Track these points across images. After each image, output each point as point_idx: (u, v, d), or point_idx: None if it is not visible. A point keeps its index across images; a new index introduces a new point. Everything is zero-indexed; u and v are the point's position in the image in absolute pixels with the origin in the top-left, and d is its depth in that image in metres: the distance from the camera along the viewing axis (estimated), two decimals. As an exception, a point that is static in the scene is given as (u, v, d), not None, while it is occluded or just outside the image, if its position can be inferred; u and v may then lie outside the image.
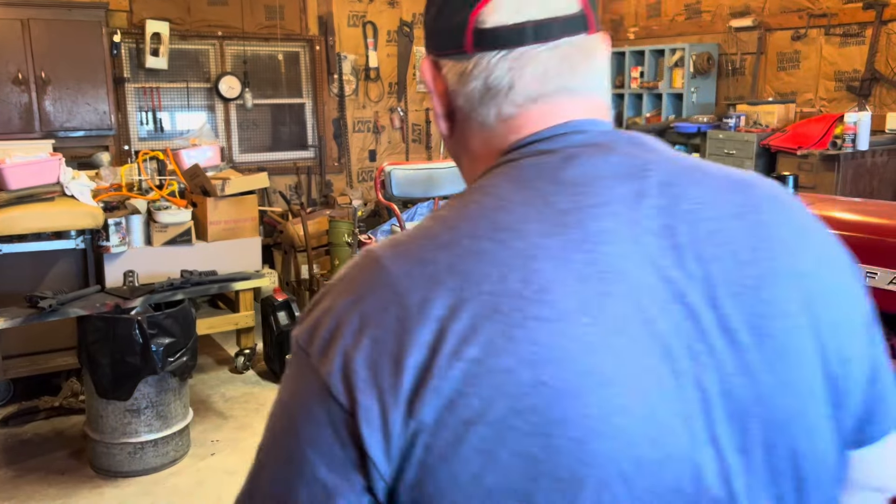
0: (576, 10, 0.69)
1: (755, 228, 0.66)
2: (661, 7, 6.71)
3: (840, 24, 5.23)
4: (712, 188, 0.67)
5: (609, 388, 0.58)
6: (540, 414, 0.57)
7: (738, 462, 0.62)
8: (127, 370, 3.09)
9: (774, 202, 0.70)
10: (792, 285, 0.65)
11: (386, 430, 0.57)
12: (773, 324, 0.63)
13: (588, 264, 0.60)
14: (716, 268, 0.63)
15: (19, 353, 3.78)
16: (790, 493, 0.64)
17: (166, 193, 4.15)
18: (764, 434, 0.63)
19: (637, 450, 0.58)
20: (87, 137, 6.09)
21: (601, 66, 0.72)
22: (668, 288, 0.61)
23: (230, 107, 7.12)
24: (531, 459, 0.56)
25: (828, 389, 0.66)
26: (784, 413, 0.63)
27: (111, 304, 3.23)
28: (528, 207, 0.63)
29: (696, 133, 5.76)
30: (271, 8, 7.07)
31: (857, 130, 4.69)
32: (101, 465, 3.26)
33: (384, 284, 0.60)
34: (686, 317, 0.61)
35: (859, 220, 1.85)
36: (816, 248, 0.70)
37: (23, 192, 3.61)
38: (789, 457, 0.64)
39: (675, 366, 0.60)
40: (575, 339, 0.58)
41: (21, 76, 5.72)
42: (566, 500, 0.57)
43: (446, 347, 0.57)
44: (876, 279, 1.70)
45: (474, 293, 0.58)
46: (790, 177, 2.14)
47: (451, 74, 0.71)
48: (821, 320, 0.65)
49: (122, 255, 3.84)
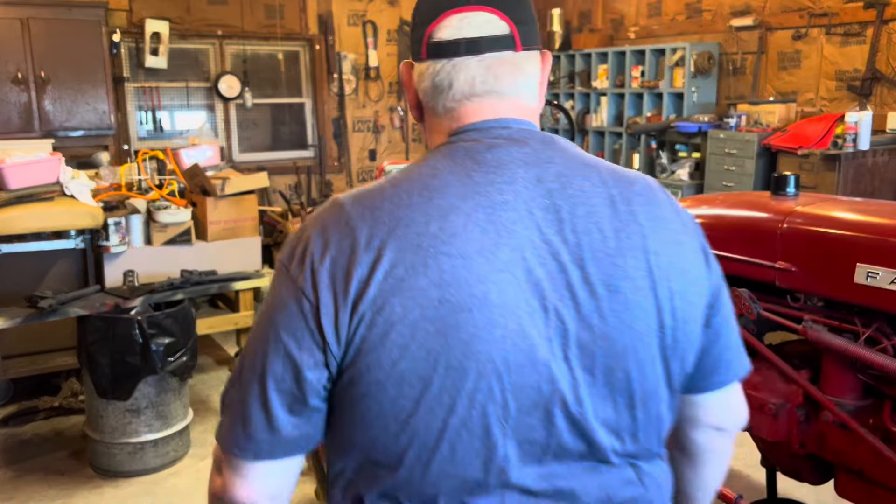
0: (504, 32, 0.92)
1: (621, 214, 0.88)
2: (662, 6, 6.70)
3: (841, 23, 5.22)
4: (595, 181, 0.90)
5: (492, 309, 0.82)
6: (441, 321, 0.81)
7: (583, 377, 0.86)
8: (127, 370, 3.08)
9: (643, 197, 0.92)
10: (640, 258, 0.87)
11: (337, 322, 0.82)
12: (621, 283, 0.86)
13: (489, 223, 0.84)
14: (585, 239, 0.86)
15: (19, 353, 3.77)
16: (623, 404, 0.89)
17: (166, 193, 4.15)
18: (605, 360, 0.86)
19: (508, 354, 0.82)
20: (86, 137, 6.08)
21: (528, 76, 0.96)
22: (547, 248, 0.85)
23: (230, 106, 7.12)
24: (433, 352, 0.81)
25: (659, 336, 0.89)
26: (621, 347, 0.86)
27: (111, 303, 3.22)
28: (452, 177, 0.87)
29: (697, 132, 5.75)
30: (271, 7, 7.07)
31: (857, 130, 4.69)
32: (101, 465, 3.25)
33: (343, 222, 0.85)
34: (558, 270, 0.85)
35: (860, 220, 1.84)
36: (667, 235, 0.91)
37: (22, 191, 3.60)
38: (623, 379, 0.87)
39: (544, 302, 0.84)
40: (471, 272, 0.82)
41: (20, 75, 5.72)
42: (455, 383, 0.82)
43: (381, 268, 0.81)
44: (877, 279, 1.69)
45: (404, 232, 0.83)
46: (791, 176, 2.13)
47: (416, 75, 0.96)
48: (659, 286, 0.88)
49: (122, 255, 3.83)
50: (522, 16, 0.94)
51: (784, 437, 1.90)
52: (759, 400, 1.92)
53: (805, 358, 2.00)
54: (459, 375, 0.82)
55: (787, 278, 1.89)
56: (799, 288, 1.91)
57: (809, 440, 1.91)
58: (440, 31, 0.92)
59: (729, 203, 2.25)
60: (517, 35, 0.93)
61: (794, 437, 1.89)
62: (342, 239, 0.83)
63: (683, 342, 0.91)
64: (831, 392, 1.84)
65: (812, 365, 1.94)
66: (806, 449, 1.91)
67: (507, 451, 0.85)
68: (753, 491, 3.01)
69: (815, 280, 1.85)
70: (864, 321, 1.78)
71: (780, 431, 1.89)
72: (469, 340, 0.81)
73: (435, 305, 0.81)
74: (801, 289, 1.91)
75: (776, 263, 1.90)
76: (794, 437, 1.89)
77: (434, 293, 0.81)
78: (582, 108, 7.26)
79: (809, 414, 1.89)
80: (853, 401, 1.82)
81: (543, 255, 0.84)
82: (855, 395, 1.83)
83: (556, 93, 7.53)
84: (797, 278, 1.87)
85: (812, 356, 1.97)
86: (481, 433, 0.83)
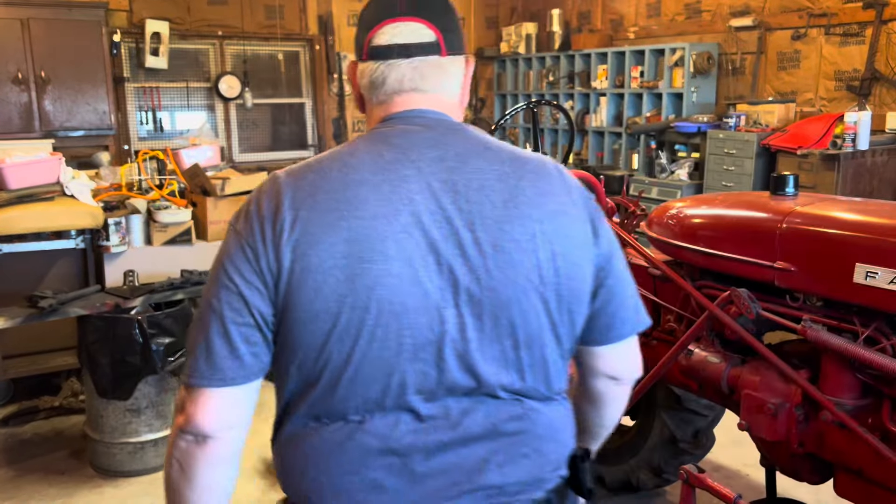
0: (431, 40, 1.11)
1: (510, 189, 1.05)
2: (661, 7, 6.70)
3: (840, 23, 5.23)
4: (491, 160, 1.07)
5: (390, 261, 0.99)
6: (349, 270, 0.99)
7: (472, 321, 1.03)
8: (127, 370, 3.09)
9: (534, 175, 1.08)
10: (525, 225, 1.04)
11: (269, 266, 1.01)
12: (506, 245, 1.03)
13: (392, 192, 1.02)
14: (476, 208, 1.03)
15: (19, 353, 3.77)
16: (509, 346, 1.05)
17: (166, 193, 4.15)
18: (491, 308, 1.03)
19: (403, 298, 1.00)
20: (86, 137, 6.08)
21: (452, 76, 1.14)
22: (442, 214, 1.02)
23: (230, 106, 7.12)
24: (341, 295, 0.99)
25: (539, 290, 1.05)
26: (505, 298, 1.03)
27: (111, 303, 3.22)
28: (367, 156, 1.06)
29: (697, 133, 5.75)
30: (271, 7, 7.07)
31: (857, 130, 4.69)
32: (101, 464, 3.26)
33: (275, 190, 1.04)
34: (451, 232, 1.02)
35: (859, 220, 1.85)
36: (553, 207, 1.07)
37: (22, 191, 3.60)
38: (508, 324, 1.04)
39: (438, 258, 1.01)
40: (375, 232, 0.99)
41: (21, 76, 5.72)
42: (359, 321, 1.00)
43: (299, 225, 1.00)
44: (876, 279, 1.70)
45: (322, 198, 1.01)
46: (790, 176, 2.13)
47: (359, 72, 1.15)
48: (541, 249, 1.04)
49: (122, 255, 3.83)
50: (448, 26, 1.12)
51: (783, 436, 1.90)
52: (759, 399, 1.92)
53: (804, 358, 2.00)
54: (362, 314, 0.99)
55: (786, 278, 1.90)
56: (798, 288, 1.91)
57: (808, 440, 1.91)
58: (378, 37, 1.11)
59: (728, 203, 2.25)
60: (443, 42, 1.11)
61: (794, 436, 1.89)
62: (271, 201, 1.02)
63: (568, 296, 1.08)
64: (830, 392, 1.84)
65: (811, 365, 1.94)
66: (805, 448, 1.92)
67: (404, 379, 1.02)
68: (752, 490, 3.02)
69: (815, 280, 1.85)
70: (863, 321, 1.78)
71: (780, 431, 1.90)
72: (371, 286, 0.99)
73: (344, 257, 0.99)
74: (800, 288, 1.91)
75: (775, 263, 1.90)
76: (794, 436, 1.89)
77: (343, 248, 0.99)
78: (581, 108, 7.26)
79: (808, 413, 1.90)
80: (852, 400, 1.83)
81: (439, 220, 1.02)
82: (854, 394, 1.83)
83: (555, 93, 7.53)
84: (796, 278, 1.88)
85: (811, 356, 1.97)
86: (380, 362, 1.01)
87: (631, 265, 2.45)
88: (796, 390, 1.89)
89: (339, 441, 1.04)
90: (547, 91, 7.65)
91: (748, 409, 1.96)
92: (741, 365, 2.06)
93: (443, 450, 1.04)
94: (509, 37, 8.06)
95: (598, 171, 5.62)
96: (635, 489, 3.01)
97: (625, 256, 1.21)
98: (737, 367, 2.06)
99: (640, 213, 2.69)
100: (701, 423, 2.80)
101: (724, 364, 2.08)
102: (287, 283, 1.00)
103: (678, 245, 2.19)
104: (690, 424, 2.80)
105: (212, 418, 1.02)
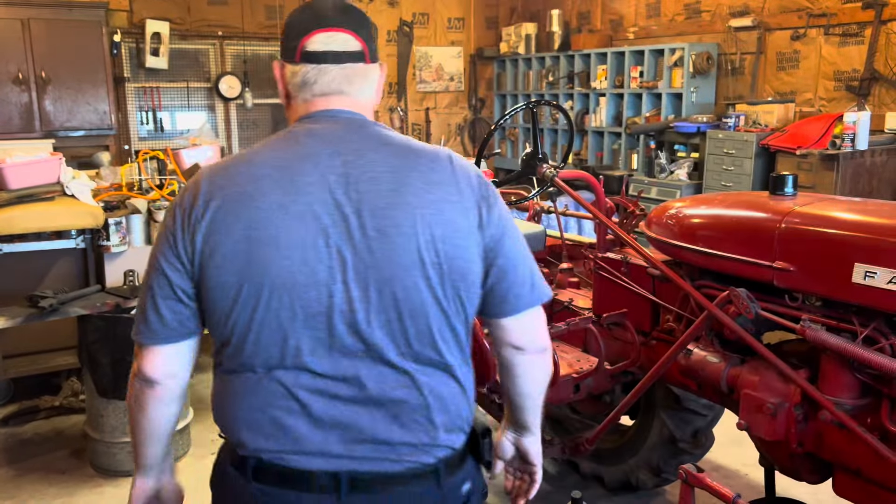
0: (357, 49, 1.29)
1: (399, 180, 1.21)
2: (661, 7, 6.71)
3: (839, 23, 5.24)
4: (385, 154, 1.23)
5: (282, 245, 1.17)
6: (248, 251, 1.18)
7: (359, 294, 1.19)
8: (127, 369, 3.04)
9: (425, 168, 1.24)
10: (407, 212, 1.20)
11: (185, 249, 1.21)
12: (389, 229, 1.19)
13: (290, 185, 1.19)
14: (365, 197, 1.19)
15: (20, 353, 3.78)
16: (394, 318, 1.21)
17: (167, 193, 4.16)
18: (376, 283, 1.19)
19: (294, 276, 1.18)
20: (87, 137, 6.09)
21: (371, 81, 1.32)
22: (334, 203, 1.19)
23: (230, 106, 7.12)
24: (242, 271, 1.18)
25: (420, 268, 1.20)
26: (388, 274, 1.19)
27: (111, 303, 3.23)
28: (273, 153, 1.24)
29: (696, 133, 5.76)
30: (271, 8, 7.08)
31: (856, 130, 4.70)
32: (101, 464, 3.26)
33: (196, 181, 1.24)
34: (341, 218, 1.19)
35: (858, 220, 1.85)
36: (439, 196, 1.22)
37: (23, 191, 3.61)
38: (391, 298, 1.20)
39: (328, 241, 1.18)
40: (271, 219, 1.18)
41: (21, 76, 5.72)
42: (256, 293, 1.18)
43: (209, 213, 1.19)
44: (875, 279, 1.70)
45: (231, 190, 1.20)
46: (789, 176, 2.14)
47: (288, 72, 1.30)
48: (420, 234, 1.19)
49: (123, 255, 3.83)
50: (369, 37, 1.31)
51: (782, 436, 1.90)
52: (758, 399, 1.93)
53: (803, 357, 2.00)
54: (259, 288, 1.18)
55: (785, 278, 1.90)
56: (797, 287, 1.91)
57: (808, 439, 1.91)
58: (312, 43, 1.27)
59: (727, 203, 2.26)
60: (367, 52, 1.30)
61: (793, 436, 1.90)
62: (190, 196, 1.22)
63: (451, 275, 1.23)
64: (829, 391, 1.85)
65: (810, 364, 1.94)
66: (804, 448, 1.92)
67: (299, 344, 1.20)
68: (752, 490, 3.02)
69: (814, 280, 1.85)
70: (861, 320, 1.79)
71: (779, 430, 1.90)
72: (266, 266, 1.18)
73: (244, 241, 1.18)
74: (799, 288, 1.91)
75: (774, 263, 1.91)
76: (793, 436, 1.90)
77: (244, 232, 1.18)
78: (581, 108, 7.27)
79: (808, 413, 1.90)
80: (851, 400, 1.83)
81: (330, 209, 1.19)
82: (853, 394, 1.83)
83: (555, 93, 7.53)
84: (795, 278, 1.88)
85: (810, 356, 1.98)
86: (276, 329, 1.20)
87: (630, 265, 2.48)
88: (795, 390, 1.89)
89: (251, 386, 1.24)
90: (546, 91, 7.65)
91: (747, 408, 1.96)
92: (740, 365, 2.07)
93: (339, 404, 1.22)
94: (509, 37, 8.06)
95: (597, 171, 5.63)
96: (635, 489, 3.01)
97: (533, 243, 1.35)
98: (736, 367, 2.07)
99: (640, 213, 2.69)
100: (700, 423, 2.81)
101: (724, 364, 2.09)
102: (200, 261, 1.20)
103: (677, 245, 2.19)
104: (689, 424, 2.81)
105: (153, 368, 1.29)
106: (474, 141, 8.47)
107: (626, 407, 2.43)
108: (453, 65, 8.43)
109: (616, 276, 2.53)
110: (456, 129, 8.50)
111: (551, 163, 2.59)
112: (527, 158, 2.58)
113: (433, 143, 8.09)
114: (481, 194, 1.27)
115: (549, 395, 1.48)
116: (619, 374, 2.59)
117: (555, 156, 7.52)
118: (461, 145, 8.45)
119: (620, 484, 3.03)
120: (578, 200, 2.42)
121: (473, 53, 8.48)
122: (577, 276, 3.11)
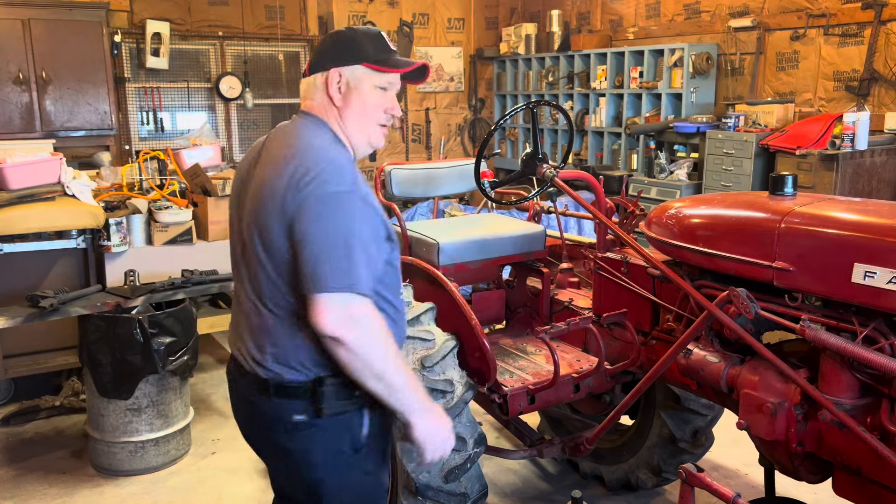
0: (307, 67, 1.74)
1: (252, 169, 1.67)
2: (661, 7, 6.71)
3: (839, 24, 5.24)
4: (270, 149, 1.65)
5: (231, 206, 1.75)
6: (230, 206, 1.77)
7: (238, 245, 1.68)
8: (128, 369, 3.09)
9: (271, 164, 1.60)
10: (249, 191, 1.64)
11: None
12: (245, 202, 1.64)
13: (243, 163, 1.74)
14: (247, 177, 1.67)
15: (20, 353, 3.78)
16: (242, 264, 1.66)
17: (167, 193, 4.16)
18: (240, 237, 1.66)
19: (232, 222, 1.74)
20: (87, 137, 6.09)
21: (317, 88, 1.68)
22: (242, 179, 1.69)
23: (231, 106, 7.13)
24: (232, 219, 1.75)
25: (252, 232, 1.60)
26: (246, 234, 1.63)
27: (112, 303, 3.23)
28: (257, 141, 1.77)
29: (696, 133, 5.76)
30: (271, 8, 7.08)
31: (855, 130, 4.70)
32: (101, 463, 3.26)
33: None
34: (242, 189, 1.69)
35: (858, 220, 1.86)
36: (268, 182, 1.57)
37: (24, 191, 3.61)
38: (242, 249, 1.66)
39: (239, 203, 1.69)
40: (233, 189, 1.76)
41: (22, 76, 5.73)
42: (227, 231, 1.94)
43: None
44: (874, 279, 1.70)
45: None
46: (789, 176, 2.14)
47: None
48: (251, 208, 1.60)
49: (123, 255, 3.84)
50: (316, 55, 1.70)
51: (782, 435, 1.91)
52: (758, 399, 1.93)
53: (803, 357, 2.01)
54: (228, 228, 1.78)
55: (784, 278, 1.90)
56: (797, 287, 1.92)
57: (807, 439, 1.92)
58: None
59: (727, 203, 2.26)
60: (308, 67, 1.71)
61: (792, 435, 1.90)
62: None
63: (266, 241, 1.57)
64: (829, 391, 1.85)
65: (810, 364, 1.95)
66: (804, 448, 1.92)
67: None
68: (751, 490, 3.02)
69: (813, 279, 1.86)
70: (861, 320, 1.79)
71: (779, 430, 1.90)
72: (229, 220, 1.76)
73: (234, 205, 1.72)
74: (798, 288, 1.92)
75: (774, 263, 1.91)
76: (792, 435, 1.90)
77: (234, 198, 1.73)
78: (581, 108, 7.27)
79: (807, 413, 1.90)
80: (851, 400, 1.83)
81: (243, 182, 1.68)
82: (853, 394, 1.84)
83: (555, 93, 7.54)
84: (795, 278, 1.89)
85: (810, 355, 1.98)
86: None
87: (630, 265, 2.48)
88: (795, 390, 1.90)
89: None
90: (546, 91, 7.65)
91: (747, 408, 1.96)
92: (740, 364, 2.07)
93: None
94: (509, 37, 8.07)
95: (597, 172, 5.63)
96: (634, 488, 3.02)
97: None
98: (736, 367, 2.07)
99: (639, 213, 2.69)
100: (700, 423, 2.81)
101: (723, 363, 2.09)
102: None
103: (677, 245, 2.19)
104: (689, 424, 2.81)
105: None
106: (474, 141, 8.47)
107: (626, 407, 2.43)
108: (453, 65, 8.44)
109: (616, 276, 2.54)
110: (456, 130, 8.50)
111: (551, 163, 2.59)
112: (527, 158, 2.58)
113: (433, 143, 8.11)
114: (304, 190, 1.56)
115: (549, 395, 1.49)
116: (619, 373, 2.59)
117: (555, 156, 7.53)
118: (461, 145, 8.45)
119: (620, 483, 3.04)
120: (578, 200, 2.43)
121: (473, 54, 8.48)
122: (577, 276, 3.11)
